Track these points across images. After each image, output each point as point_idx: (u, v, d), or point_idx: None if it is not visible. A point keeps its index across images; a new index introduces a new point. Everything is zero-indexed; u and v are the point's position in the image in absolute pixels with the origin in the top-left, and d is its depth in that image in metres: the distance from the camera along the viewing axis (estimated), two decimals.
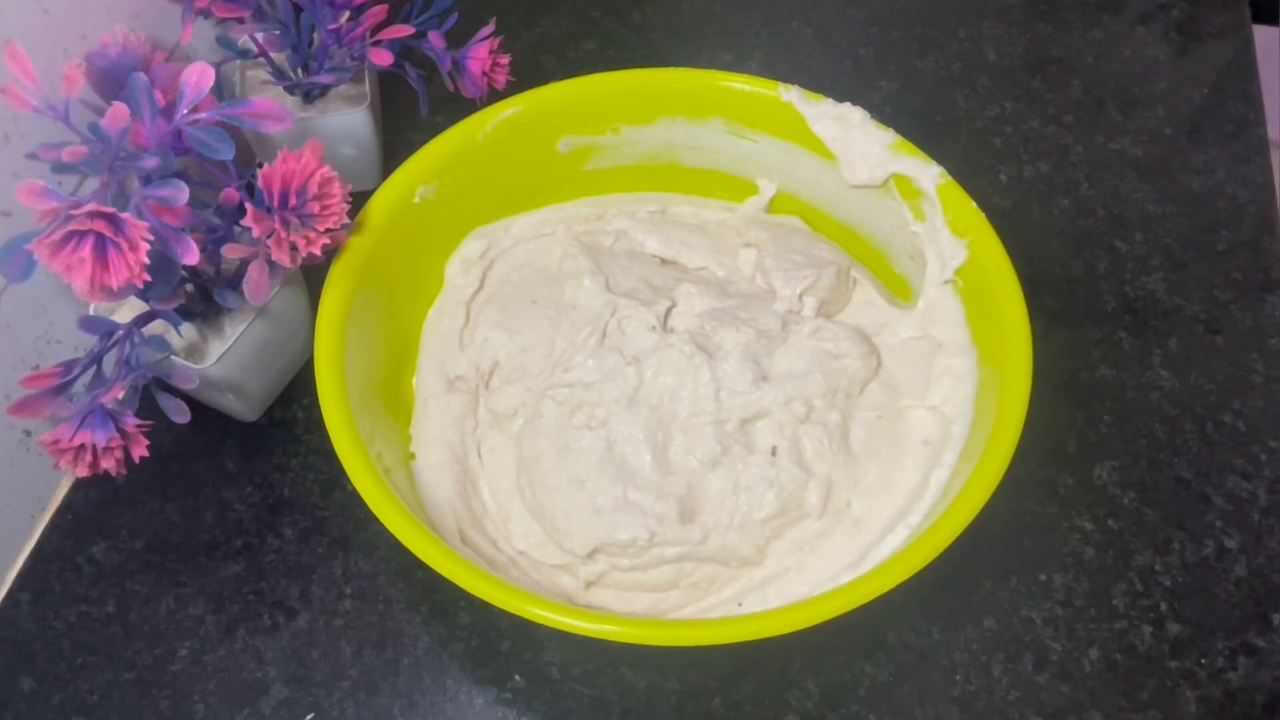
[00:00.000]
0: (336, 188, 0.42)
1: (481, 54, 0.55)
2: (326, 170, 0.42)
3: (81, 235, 0.37)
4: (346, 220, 0.43)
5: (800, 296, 0.48)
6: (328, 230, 0.42)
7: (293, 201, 0.41)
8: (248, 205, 0.41)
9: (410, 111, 0.56)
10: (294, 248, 0.42)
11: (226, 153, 0.41)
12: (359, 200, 0.44)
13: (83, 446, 0.42)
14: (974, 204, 0.47)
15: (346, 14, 0.52)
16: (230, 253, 0.42)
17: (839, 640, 0.47)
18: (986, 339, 0.45)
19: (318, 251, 0.42)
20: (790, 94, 0.50)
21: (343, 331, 0.43)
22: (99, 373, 0.44)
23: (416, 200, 0.48)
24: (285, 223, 0.41)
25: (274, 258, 0.42)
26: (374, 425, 0.44)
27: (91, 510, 0.51)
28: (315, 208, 0.42)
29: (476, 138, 0.49)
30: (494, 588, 0.38)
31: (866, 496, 0.45)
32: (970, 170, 0.50)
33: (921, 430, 0.46)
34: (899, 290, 0.52)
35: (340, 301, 0.44)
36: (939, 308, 0.48)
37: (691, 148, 0.52)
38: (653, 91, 0.51)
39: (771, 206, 0.54)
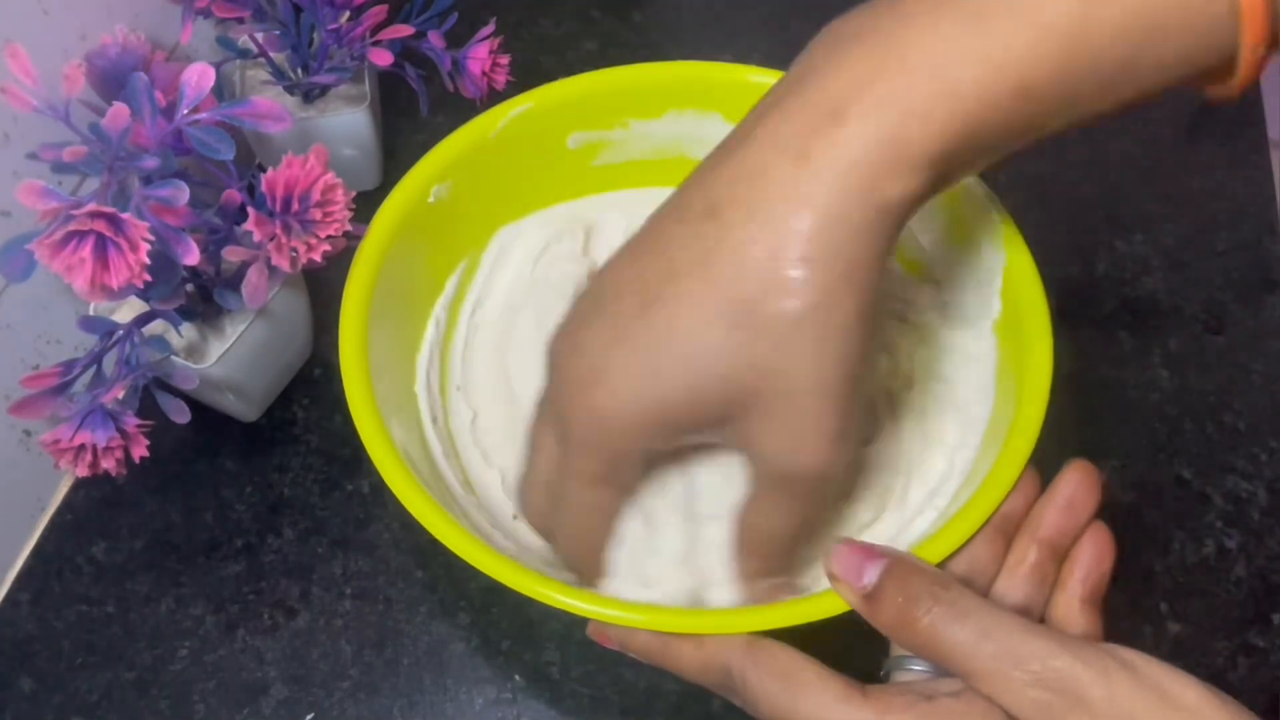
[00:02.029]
0: (340, 195, 0.42)
1: (481, 54, 0.55)
2: (330, 177, 0.42)
3: (82, 235, 0.37)
4: (348, 227, 0.43)
5: None
6: (329, 237, 0.42)
7: (295, 207, 0.41)
8: (250, 209, 0.41)
9: (410, 111, 0.56)
10: (294, 253, 0.42)
11: (227, 153, 0.41)
12: (360, 201, 0.44)
13: (83, 446, 0.42)
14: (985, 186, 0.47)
15: (346, 14, 0.53)
16: (231, 255, 0.42)
17: (840, 637, 0.47)
18: (1004, 318, 0.45)
19: (318, 258, 0.42)
20: None
21: (364, 336, 0.43)
22: (99, 373, 0.44)
23: (431, 200, 0.47)
24: (287, 228, 0.41)
25: (274, 262, 0.42)
26: (407, 434, 0.43)
27: (91, 510, 0.51)
28: (317, 214, 0.41)
29: (489, 135, 0.49)
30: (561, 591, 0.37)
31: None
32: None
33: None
34: (912, 272, 0.51)
35: (360, 305, 0.43)
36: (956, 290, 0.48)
37: (699, 140, 0.52)
38: (661, 85, 0.51)
39: None
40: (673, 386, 0.31)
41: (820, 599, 0.36)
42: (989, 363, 0.45)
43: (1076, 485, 0.38)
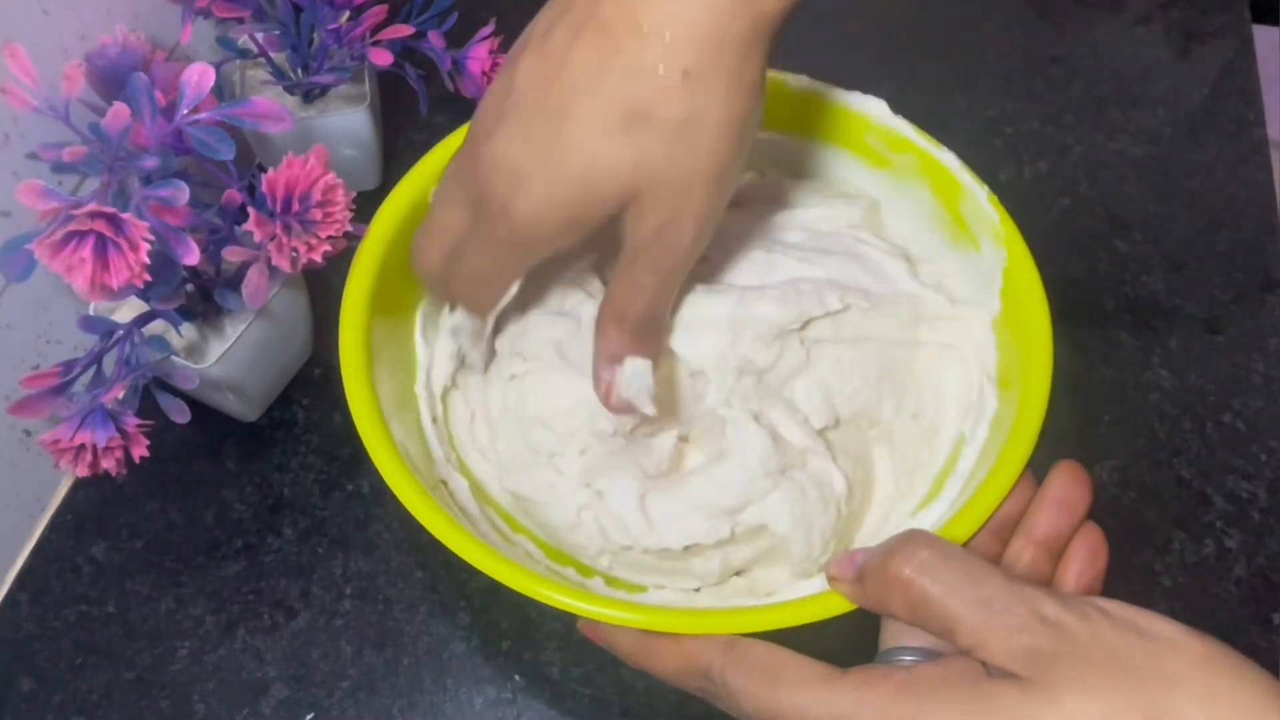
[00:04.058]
0: (340, 195, 0.42)
1: (481, 54, 0.55)
2: (331, 177, 0.42)
3: (82, 235, 0.37)
4: (349, 228, 0.43)
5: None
6: (329, 238, 0.42)
7: (295, 208, 0.41)
8: (250, 209, 0.41)
9: (410, 111, 0.56)
10: (295, 253, 0.42)
11: (227, 153, 0.41)
12: (360, 201, 0.44)
13: (83, 446, 0.42)
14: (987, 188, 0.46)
15: (346, 14, 0.52)
16: (231, 255, 0.42)
17: (842, 637, 0.47)
18: (1004, 317, 0.45)
19: (318, 258, 0.42)
20: (799, 82, 0.49)
21: (365, 337, 0.43)
22: (99, 373, 0.44)
23: (431, 200, 0.47)
24: (287, 228, 0.41)
25: (274, 263, 0.42)
26: (406, 434, 0.43)
27: (91, 510, 0.51)
28: (318, 214, 0.41)
29: None
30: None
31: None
32: (975, 171, 0.50)
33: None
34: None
35: (360, 305, 0.43)
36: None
37: None
38: None
39: None
40: (581, 192, 0.36)
41: (802, 605, 0.36)
42: (990, 363, 0.45)
43: (1067, 485, 0.39)
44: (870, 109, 0.48)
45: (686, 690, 0.37)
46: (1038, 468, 0.40)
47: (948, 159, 0.46)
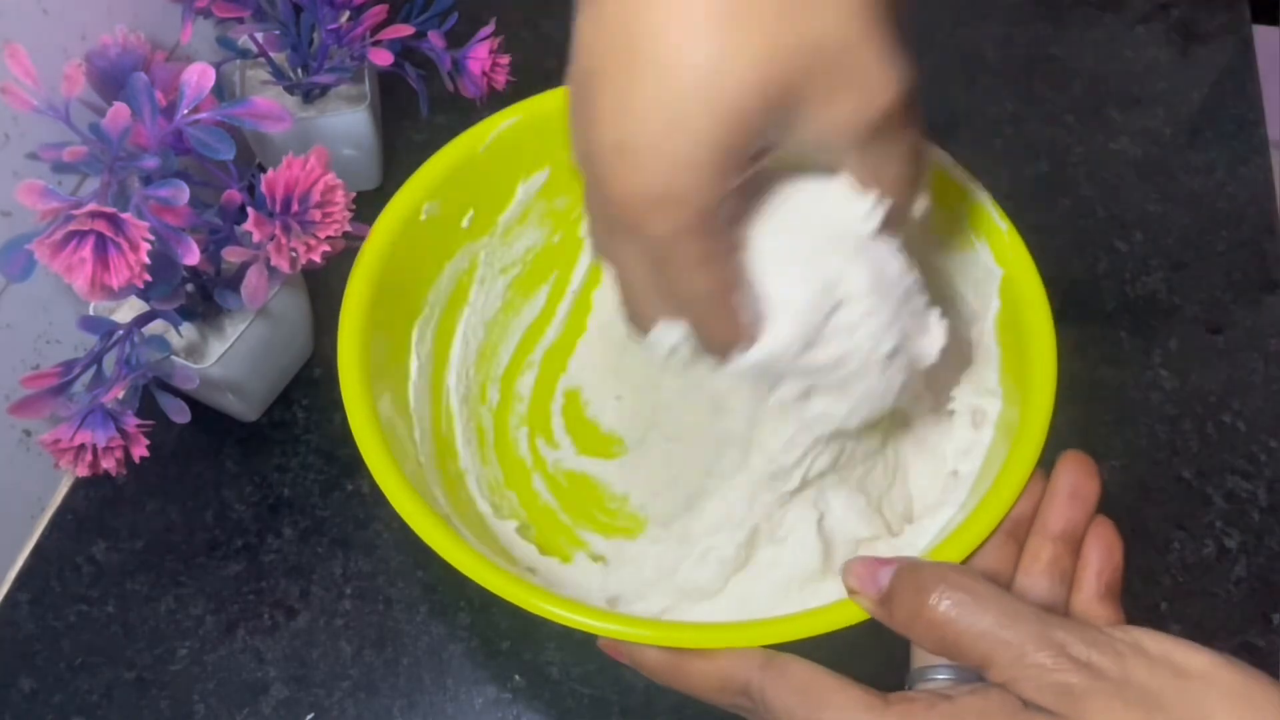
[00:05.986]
0: (340, 196, 0.42)
1: (481, 54, 0.55)
2: (331, 178, 0.42)
3: (82, 235, 0.37)
4: (348, 229, 0.42)
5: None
6: (328, 238, 0.42)
7: (295, 208, 0.41)
8: (249, 209, 0.41)
9: (410, 111, 0.56)
10: (294, 254, 0.42)
11: (227, 153, 0.41)
12: (360, 201, 0.43)
13: (83, 446, 0.42)
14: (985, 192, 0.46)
15: (346, 14, 0.53)
16: (230, 255, 0.42)
17: (845, 638, 0.47)
18: (1004, 317, 0.45)
19: (317, 259, 0.42)
20: None
21: (366, 352, 0.42)
22: (99, 372, 0.44)
23: (423, 218, 0.47)
24: (286, 228, 0.41)
25: (273, 263, 0.42)
26: (404, 450, 0.43)
27: (91, 510, 0.51)
28: (317, 215, 0.41)
29: (477, 150, 0.48)
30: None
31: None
32: (970, 171, 0.50)
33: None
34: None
35: (359, 329, 0.43)
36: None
37: None
38: None
39: None
40: (714, 105, 0.28)
41: (830, 611, 0.36)
42: (992, 365, 0.45)
43: (1075, 474, 0.38)
44: None
45: (720, 707, 0.36)
46: (1041, 465, 0.39)
47: (942, 158, 0.46)
